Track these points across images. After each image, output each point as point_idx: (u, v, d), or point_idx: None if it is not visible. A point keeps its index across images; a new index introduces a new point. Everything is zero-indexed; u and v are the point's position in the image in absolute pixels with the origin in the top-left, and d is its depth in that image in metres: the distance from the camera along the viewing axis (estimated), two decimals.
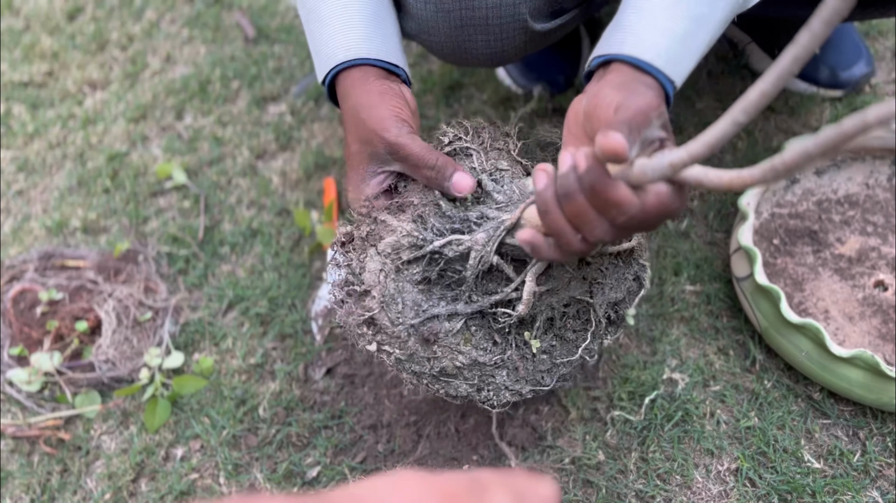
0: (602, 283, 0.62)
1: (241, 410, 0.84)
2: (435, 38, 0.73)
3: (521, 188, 0.61)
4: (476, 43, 0.73)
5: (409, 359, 0.60)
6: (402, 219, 0.61)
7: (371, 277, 0.60)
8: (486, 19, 0.70)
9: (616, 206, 0.47)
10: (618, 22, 0.62)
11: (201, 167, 1.13)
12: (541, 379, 0.64)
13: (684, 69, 0.61)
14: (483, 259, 0.57)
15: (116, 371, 0.88)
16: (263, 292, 0.94)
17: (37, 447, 0.86)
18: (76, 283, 0.96)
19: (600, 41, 0.63)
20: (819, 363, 0.73)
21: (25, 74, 1.32)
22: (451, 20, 0.71)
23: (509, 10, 0.69)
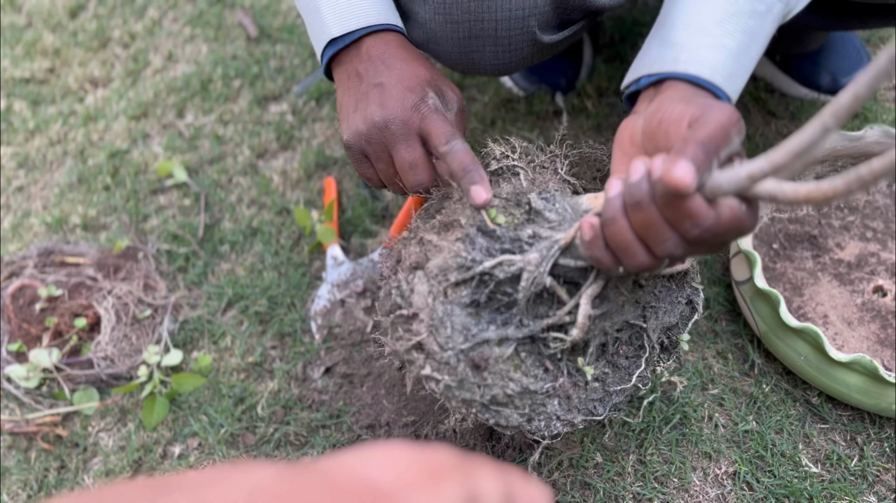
0: (656, 307, 0.59)
1: (240, 409, 0.84)
2: (443, 47, 0.73)
3: (574, 206, 0.57)
4: (484, 54, 0.72)
5: (458, 386, 0.57)
6: (448, 239, 0.58)
7: (419, 300, 0.57)
8: (494, 31, 0.70)
9: (690, 218, 0.45)
10: (665, 38, 0.59)
11: (202, 165, 1.13)
12: (593, 408, 0.60)
13: (739, 85, 0.59)
14: (536, 280, 0.54)
15: (115, 368, 0.88)
16: (263, 291, 0.94)
17: (34, 443, 0.86)
18: (76, 280, 0.96)
19: (643, 59, 0.61)
20: (818, 367, 0.73)
21: (27, 71, 1.32)
22: (460, 31, 0.71)
23: (518, 22, 0.69)
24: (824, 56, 1.02)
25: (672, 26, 0.60)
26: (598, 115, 1.07)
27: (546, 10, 0.69)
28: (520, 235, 0.56)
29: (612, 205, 0.48)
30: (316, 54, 0.70)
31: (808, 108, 1.04)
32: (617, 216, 0.47)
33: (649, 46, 0.61)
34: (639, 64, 0.61)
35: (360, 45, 0.68)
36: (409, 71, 0.66)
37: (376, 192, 1.05)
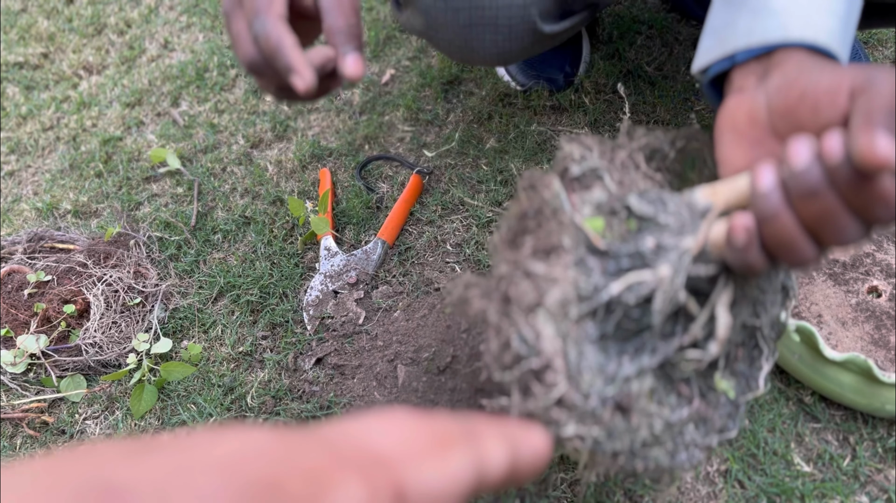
0: (763, 302, 0.52)
1: (229, 398, 0.84)
2: (443, 35, 0.73)
3: (690, 205, 0.48)
4: (484, 42, 0.72)
5: (608, 438, 0.48)
6: (558, 266, 0.49)
7: (549, 345, 0.47)
8: (495, 19, 0.69)
9: (884, 199, 0.38)
10: (759, 6, 0.52)
11: (196, 154, 1.12)
12: (725, 425, 0.54)
13: (847, 55, 0.51)
14: (671, 298, 0.46)
15: (103, 355, 0.87)
16: (255, 281, 0.94)
17: (20, 430, 0.85)
18: (65, 266, 0.95)
19: (729, 32, 0.52)
20: (811, 366, 0.73)
21: (21, 56, 1.31)
22: (460, 18, 0.70)
23: (519, 10, 0.69)
24: None
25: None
26: (596, 111, 1.07)
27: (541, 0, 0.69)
28: (639, 248, 0.47)
29: (769, 199, 0.41)
30: None
31: None
32: (780, 211, 0.40)
33: (734, 18, 0.53)
34: (722, 39, 0.53)
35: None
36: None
37: (371, 185, 1.04)
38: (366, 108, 1.15)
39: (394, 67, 1.20)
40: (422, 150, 1.08)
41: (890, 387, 0.69)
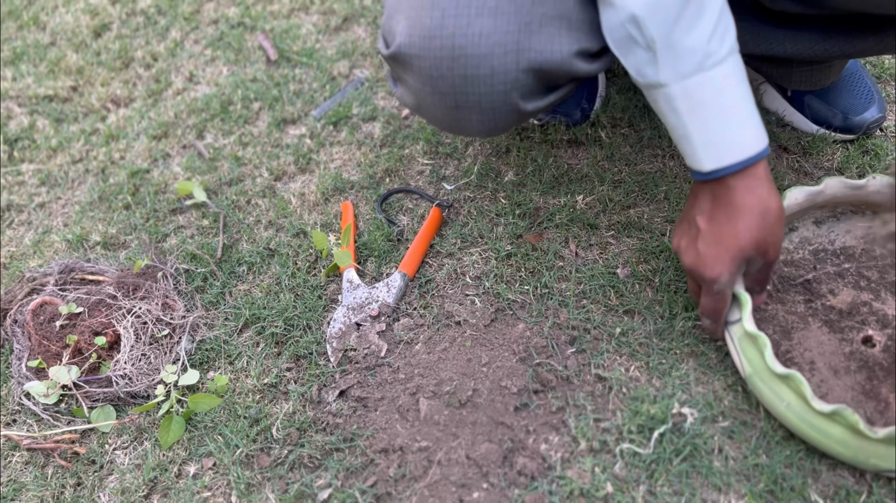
0: None
1: (255, 430, 0.86)
2: (433, 113, 0.79)
3: None
4: (471, 122, 0.77)
5: None
6: None
7: None
8: (479, 103, 0.74)
9: None
10: None
11: (221, 186, 1.15)
12: None
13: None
14: None
15: (133, 387, 0.89)
16: (279, 313, 0.96)
17: (51, 460, 0.87)
18: (96, 298, 0.97)
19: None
20: (799, 415, 0.74)
21: (50, 89, 1.35)
22: (447, 102, 0.75)
23: (500, 96, 0.73)
24: (835, 94, 1.04)
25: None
26: (612, 145, 1.09)
27: (528, 82, 0.73)
28: None
29: None
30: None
31: (818, 143, 1.05)
32: None
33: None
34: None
35: (721, 178, 0.75)
36: (733, 234, 0.74)
37: (392, 218, 1.07)
38: (386, 142, 1.17)
39: None
40: (441, 183, 1.10)
41: (876, 442, 0.70)
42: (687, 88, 0.72)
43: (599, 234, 0.99)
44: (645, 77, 0.73)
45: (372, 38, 1.36)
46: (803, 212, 0.89)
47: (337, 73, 1.31)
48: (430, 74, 0.73)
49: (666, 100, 0.73)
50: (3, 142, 1.27)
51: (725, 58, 0.71)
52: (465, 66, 0.71)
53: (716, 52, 0.71)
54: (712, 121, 0.72)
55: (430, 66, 0.72)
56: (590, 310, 0.91)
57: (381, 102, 1.24)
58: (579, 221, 1.00)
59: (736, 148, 0.73)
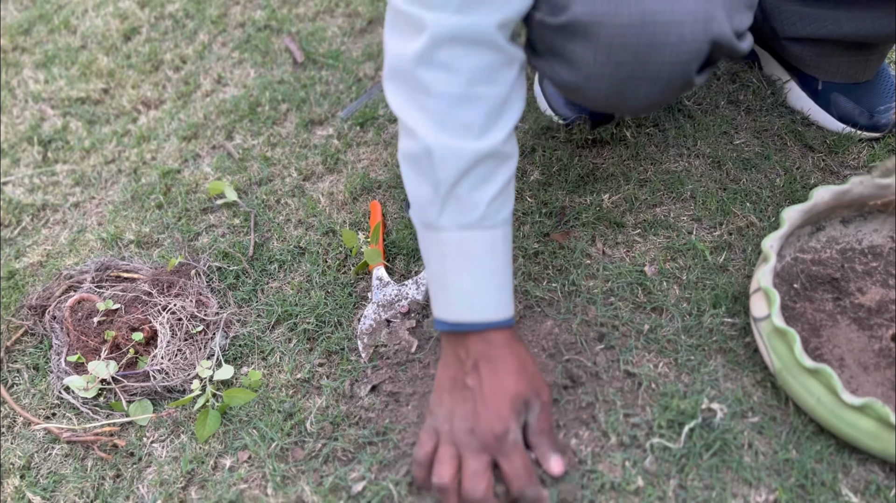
0: None
1: (289, 424, 0.87)
2: (595, 85, 0.76)
3: None
4: (637, 94, 0.76)
5: None
6: None
7: None
8: (657, 73, 0.72)
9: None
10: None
11: (251, 186, 1.17)
12: None
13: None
14: None
15: (169, 381, 0.91)
16: (311, 309, 0.98)
17: (91, 452, 0.89)
18: (131, 295, 1.00)
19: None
20: (829, 409, 0.74)
21: (83, 91, 1.37)
22: (621, 72, 0.73)
23: (681, 66, 0.72)
24: (861, 92, 1.04)
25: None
26: (638, 144, 1.10)
27: (705, 54, 0.72)
28: None
29: None
30: (431, 298, 0.81)
31: (844, 142, 1.06)
32: None
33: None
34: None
35: (468, 333, 0.78)
36: (504, 384, 0.76)
37: None
38: None
39: None
40: None
41: None
42: (462, 239, 0.75)
43: (626, 232, 1.00)
44: (425, 216, 0.77)
45: None
46: (830, 211, 0.89)
47: (363, 75, 1.32)
48: (610, 43, 0.71)
49: (437, 244, 0.77)
50: (38, 143, 1.30)
51: (500, 225, 0.76)
52: (653, 34, 0.70)
53: (493, 217, 0.75)
54: (477, 276, 0.76)
55: (611, 33, 0.70)
56: (618, 307, 0.92)
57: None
58: (606, 220, 1.01)
59: (495, 307, 0.77)
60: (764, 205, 1.00)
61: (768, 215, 0.99)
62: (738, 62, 1.20)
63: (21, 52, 1.50)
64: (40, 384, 0.97)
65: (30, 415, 0.93)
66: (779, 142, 1.09)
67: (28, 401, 0.95)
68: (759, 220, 0.99)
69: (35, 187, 1.24)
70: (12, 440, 0.92)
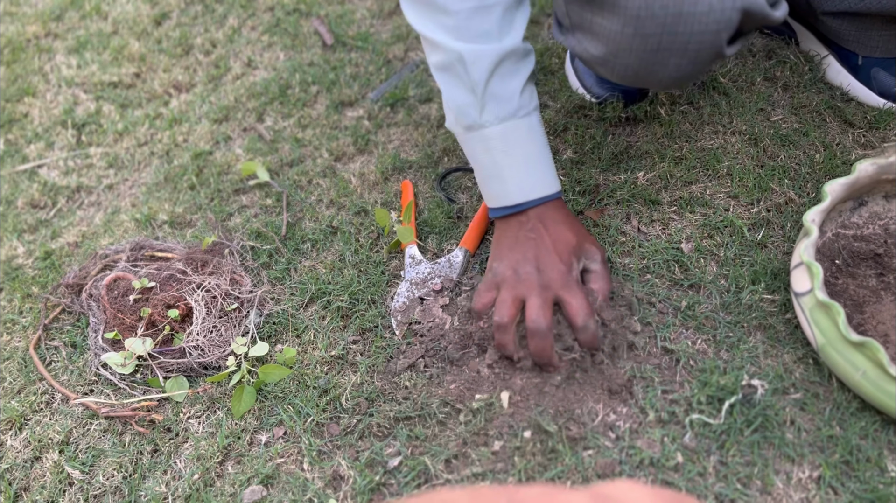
0: None
1: (324, 400, 0.87)
2: (623, 59, 0.76)
3: None
4: (667, 66, 0.75)
5: None
6: None
7: None
8: (685, 44, 0.71)
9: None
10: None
11: (282, 167, 1.17)
12: None
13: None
14: None
15: (205, 357, 0.92)
16: (344, 287, 0.98)
17: (129, 427, 0.90)
18: (166, 273, 1.00)
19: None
20: (875, 383, 0.73)
21: (115, 76, 1.38)
22: (648, 44, 0.72)
23: (711, 37, 0.71)
24: None
25: None
26: (672, 122, 1.08)
27: (735, 24, 0.70)
28: None
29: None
30: (487, 195, 0.88)
31: (885, 117, 1.04)
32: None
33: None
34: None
35: (526, 210, 0.85)
36: (564, 234, 0.83)
37: (452, 195, 1.07)
38: (443, 122, 1.18)
39: None
40: None
41: None
42: (505, 130, 0.83)
43: (661, 209, 0.99)
44: (467, 118, 0.83)
45: None
46: (873, 185, 0.87)
47: (392, 57, 1.32)
48: (638, 14, 0.70)
49: (483, 140, 0.84)
50: (72, 126, 1.31)
51: (532, 112, 0.84)
52: (680, 3, 0.69)
53: (526, 106, 0.83)
54: (524, 160, 0.84)
55: (638, 4, 0.70)
56: (654, 284, 0.91)
57: (437, 84, 1.25)
58: (640, 198, 1.00)
59: (546, 183, 0.85)
60: (803, 181, 0.98)
61: (807, 191, 0.97)
62: (774, 38, 1.18)
63: (54, 38, 1.51)
64: (78, 361, 0.98)
65: (68, 391, 0.94)
66: (817, 118, 1.06)
67: (66, 377, 0.96)
68: (798, 196, 0.97)
69: (70, 170, 1.25)
70: (51, 416, 0.93)
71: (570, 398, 0.82)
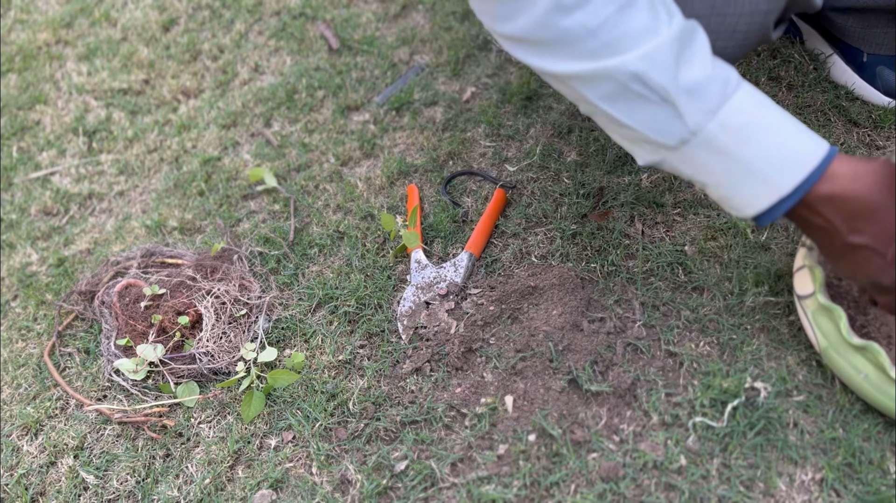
0: None
1: (332, 404, 0.89)
2: None
3: None
4: (713, 49, 0.71)
5: None
6: None
7: None
8: (734, 26, 0.70)
9: None
10: None
11: (289, 172, 1.18)
12: None
13: None
14: None
15: (215, 363, 0.93)
16: (351, 292, 0.99)
17: (141, 432, 0.92)
18: (176, 280, 1.02)
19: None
20: (877, 386, 0.73)
21: (124, 82, 1.40)
22: None
23: (760, 17, 0.70)
24: None
25: None
26: None
27: (780, 7, 0.70)
28: None
29: None
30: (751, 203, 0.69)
31: (889, 116, 1.03)
32: None
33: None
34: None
35: (806, 198, 0.67)
36: (885, 223, 0.66)
37: (457, 199, 1.08)
38: (448, 125, 1.19)
39: (474, 85, 1.24)
40: (504, 164, 1.11)
41: None
42: (724, 121, 0.66)
43: (665, 212, 0.99)
44: (672, 135, 0.67)
45: (430, 24, 1.37)
46: None
47: (397, 60, 1.33)
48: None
49: (705, 146, 0.66)
50: (83, 133, 1.33)
51: (740, 82, 0.67)
52: None
53: (729, 80, 0.66)
54: (767, 133, 0.65)
55: None
56: (658, 286, 0.92)
57: (442, 87, 1.26)
58: (644, 200, 1.00)
59: (812, 142, 0.65)
60: None
61: None
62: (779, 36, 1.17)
63: (64, 46, 1.53)
64: (91, 367, 0.99)
65: (82, 396, 0.96)
66: (822, 118, 1.06)
67: (80, 383, 0.98)
68: None
69: (81, 177, 1.27)
70: (66, 421, 0.95)
71: (573, 401, 0.83)
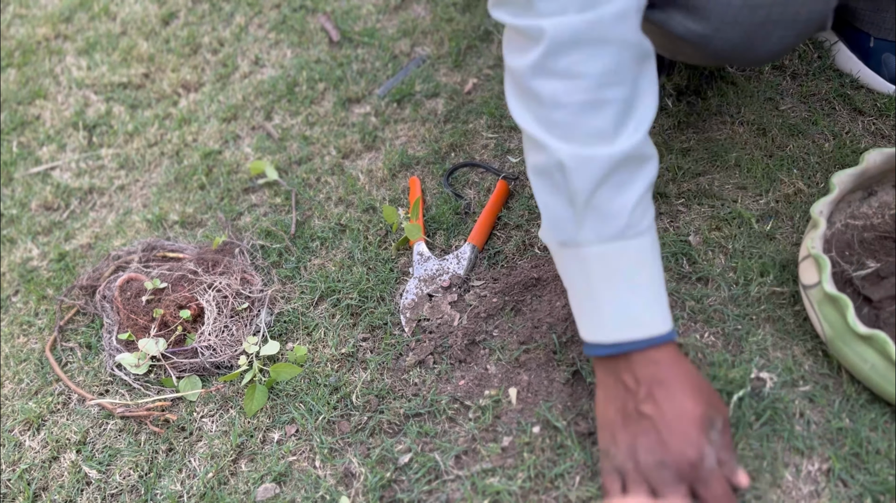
0: None
1: (335, 397, 0.88)
2: (726, 34, 0.72)
3: None
4: (769, 40, 0.72)
5: None
6: None
7: None
8: (796, 14, 0.69)
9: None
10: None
11: (290, 165, 1.18)
12: None
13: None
14: None
15: (217, 357, 0.93)
16: (353, 285, 0.98)
17: (144, 427, 0.91)
18: (178, 274, 1.01)
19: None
20: (883, 376, 0.73)
21: (124, 76, 1.39)
22: (756, 17, 0.70)
23: (822, 4, 0.69)
24: None
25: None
26: (679, 113, 1.08)
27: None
28: None
29: None
30: (578, 322, 0.74)
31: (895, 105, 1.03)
32: None
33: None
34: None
35: (629, 355, 0.70)
36: (685, 407, 0.69)
37: (459, 191, 1.08)
38: (450, 117, 1.18)
39: (475, 76, 1.24)
40: (506, 156, 1.11)
41: None
42: (605, 253, 0.69)
43: (669, 202, 0.99)
44: (561, 233, 0.70)
45: (431, 16, 1.36)
46: (882, 175, 0.87)
47: (398, 52, 1.32)
48: None
49: (579, 261, 0.70)
50: (83, 128, 1.33)
51: (644, 232, 0.69)
52: None
53: (637, 224, 0.69)
54: (629, 290, 0.69)
55: None
56: None
57: (444, 79, 1.25)
58: None
59: (655, 320, 0.70)
60: (812, 171, 0.98)
61: (817, 181, 0.97)
62: None
63: (63, 40, 1.53)
64: (93, 362, 0.99)
65: (84, 391, 0.96)
66: (826, 106, 1.06)
67: (82, 378, 0.98)
68: (807, 186, 0.96)
69: (82, 171, 1.26)
70: (68, 416, 0.95)
71: (578, 393, 0.82)
